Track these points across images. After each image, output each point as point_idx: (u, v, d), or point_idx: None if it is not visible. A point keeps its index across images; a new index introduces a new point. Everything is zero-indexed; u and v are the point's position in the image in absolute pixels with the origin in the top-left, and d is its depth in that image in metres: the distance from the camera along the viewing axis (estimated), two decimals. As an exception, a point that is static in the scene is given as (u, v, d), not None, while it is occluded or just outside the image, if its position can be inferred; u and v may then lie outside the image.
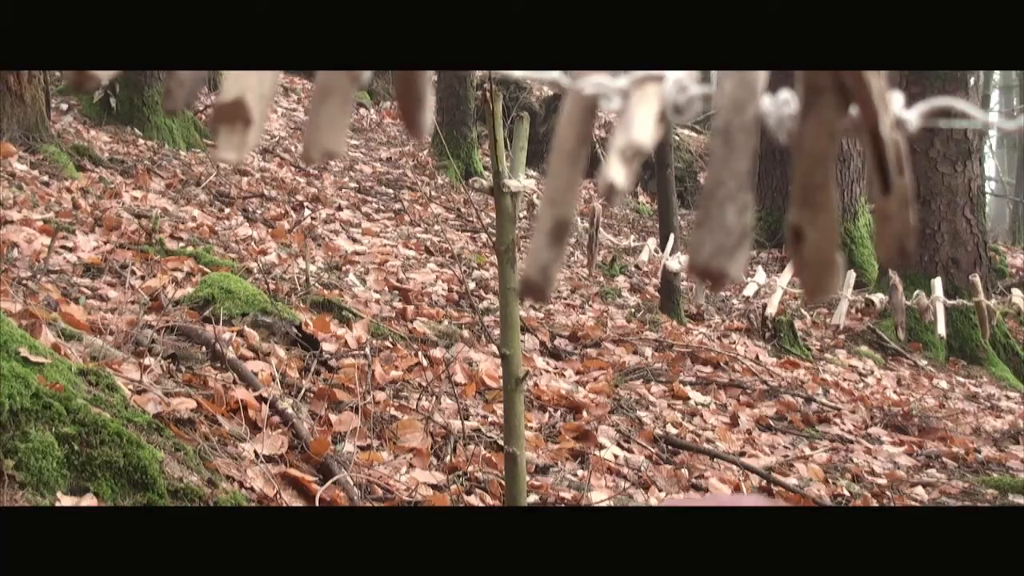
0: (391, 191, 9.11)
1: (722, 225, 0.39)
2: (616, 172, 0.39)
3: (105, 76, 0.40)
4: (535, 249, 0.42)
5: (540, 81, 0.44)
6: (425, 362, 4.28)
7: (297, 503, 2.85)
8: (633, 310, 7.06)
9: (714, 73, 0.43)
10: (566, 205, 0.42)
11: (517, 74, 0.45)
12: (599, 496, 3.16)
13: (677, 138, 12.93)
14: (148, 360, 3.35)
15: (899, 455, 4.93)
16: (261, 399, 3.27)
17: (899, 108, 0.41)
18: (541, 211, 0.42)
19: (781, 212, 9.44)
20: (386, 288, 5.75)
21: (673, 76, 0.42)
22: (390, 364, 4.22)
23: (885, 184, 0.40)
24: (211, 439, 2.93)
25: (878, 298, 3.84)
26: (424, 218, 8.35)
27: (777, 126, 0.41)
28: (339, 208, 7.87)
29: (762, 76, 0.41)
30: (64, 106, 8.46)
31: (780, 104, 0.41)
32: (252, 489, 2.79)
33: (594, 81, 0.42)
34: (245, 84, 0.40)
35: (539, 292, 0.42)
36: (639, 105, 0.41)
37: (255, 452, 2.99)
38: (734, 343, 6.55)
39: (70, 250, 4.70)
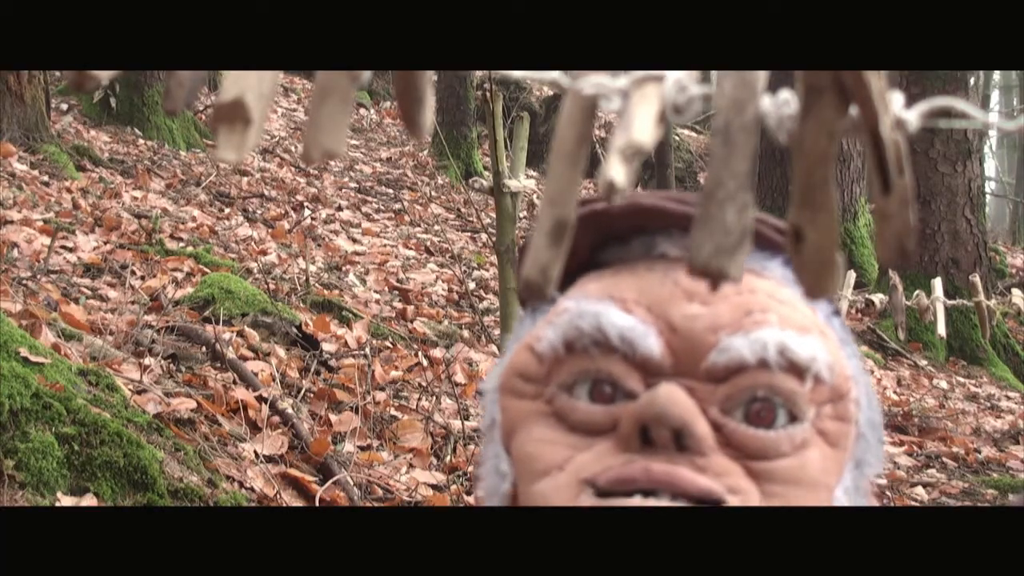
0: (391, 191, 9.11)
1: (722, 225, 0.39)
2: (616, 171, 0.39)
3: (105, 76, 0.40)
4: (535, 249, 0.42)
5: (540, 81, 0.44)
6: (425, 362, 4.28)
7: (297, 503, 2.85)
8: (633, 310, 7.05)
9: (714, 73, 0.43)
10: (566, 205, 0.41)
11: (517, 74, 0.45)
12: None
13: (677, 138, 12.93)
14: (148, 360, 3.35)
15: (899, 455, 4.93)
16: (261, 399, 3.27)
17: (899, 108, 0.41)
18: (541, 211, 0.42)
19: (781, 212, 9.42)
20: (386, 288, 5.75)
21: (673, 76, 0.42)
22: (390, 364, 4.22)
23: (885, 184, 0.40)
24: (211, 439, 2.93)
25: (878, 298, 3.84)
26: (424, 218, 8.35)
27: (777, 126, 0.41)
28: (339, 208, 7.87)
29: (762, 76, 0.41)
30: (64, 106, 8.46)
31: (780, 104, 0.41)
32: (252, 489, 2.79)
33: (594, 81, 0.42)
34: (245, 84, 0.39)
35: (539, 292, 0.42)
36: (639, 105, 0.41)
37: (255, 452, 2.99)
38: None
39: (70, 250, 4.70)
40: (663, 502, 0.65)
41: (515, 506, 0.72)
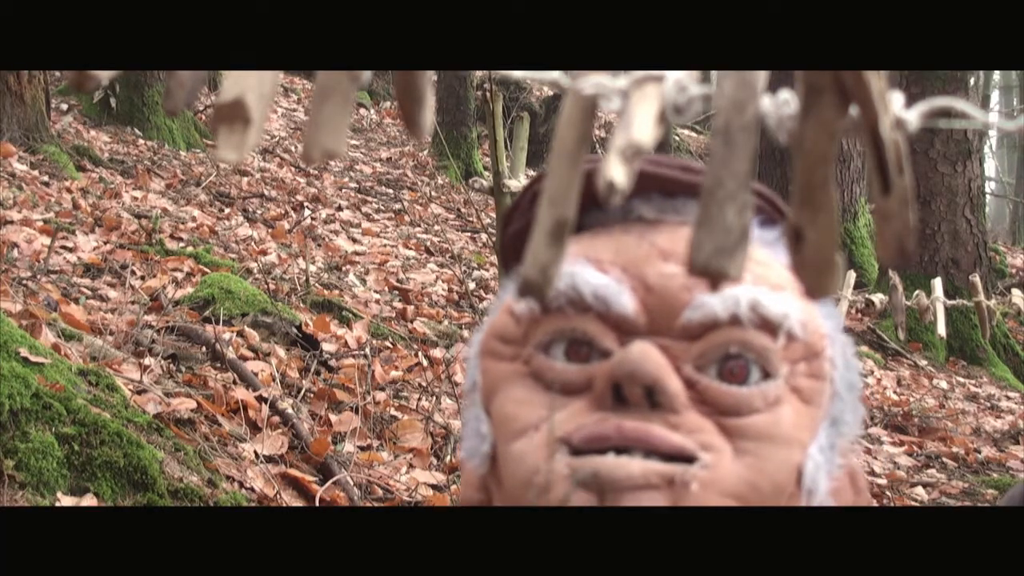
0: (391, 191, 9.11)
1: (722, 225, 0.39)
2: (616, 171, 0.39)
3: (105, 76, 0.40)
4: (535, 249, 0.41)
5: (540, 81, 0.44)
6: (425, 362, 4.28)
7: (297, 503, 2.85)
8: (633, 310, 7.05)
9: (714, 73, 0.43)
10: (566, 204, 0.41)
11: (517, 74, 0.45)
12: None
13: (677, 138, 12.93)
14: (148, 360, 3.35)
15: (899, 455, 4.93)
16: (261, 399, 3.27)
17: (899, 108, 0.41)
18: (540, 211, 0.42)
19: (781, 212, 9.40)
20: (386, 288, 5.75)
21: (673, 76, 0.42)
22: (390, 364, 4.22)
23: (885, 184, 0.40)
24: (211, 439, 2.93)
25: (878, 298, 3.84)
26: (424, 218, 8.35)
27: (777, 126, 0.41)
28: (339, 208, 7.87)
29: (762, 76, 0.41)
30: (64, 106, 8.46)
31: (780, 104, 0.41)
32: (252, 489, 2.79)
33: (594, 81, 0.42)
34: (245, 84, 0.39)
35: (539, 292, 0.42)
36: (639, 105, 0.41)
37: (255, 452, 2.99)
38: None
39: (70, 250, 4.70)
40: (636, 459, 0.65)
41: (495, 467, 0.72)
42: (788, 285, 0.71)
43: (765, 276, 0.70)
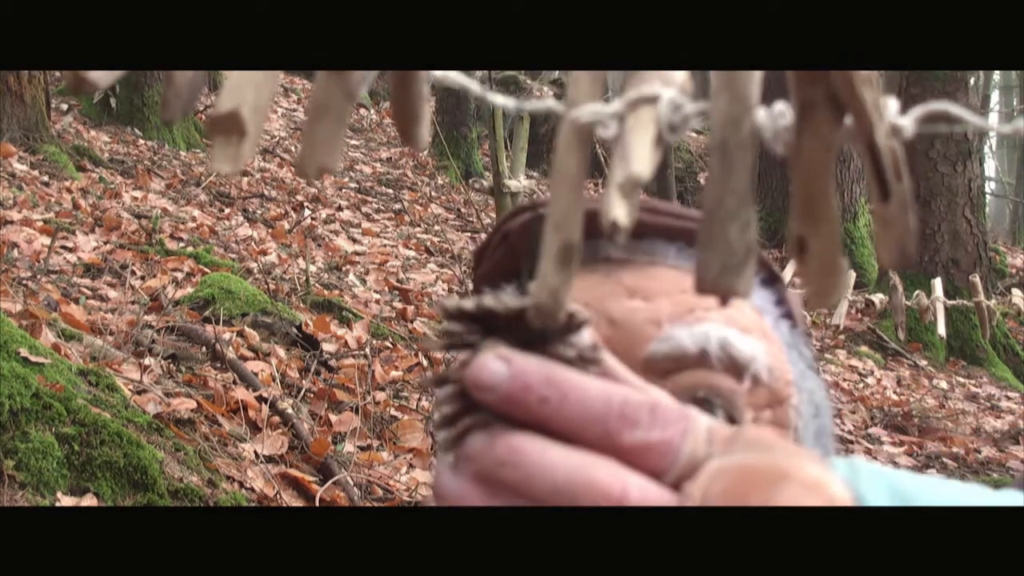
0: (391, 191, 9.11)
1: (725, 244, 0.40)
2: (618, 209, 0.39)
3: (103, 81, 0.40)
4: (544, 274, 0.42)
5: (537, 111, 0.45)
6: (425, 362, 4.28)
7: (297, 503, 2.85)
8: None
9: (712, 76, 0.43)
10: (571, 228, 0.42)
11: (511, 105, 0.45)
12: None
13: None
14: (148, 360, 3.35)
15: (899, 455, 4.93)
16: (261, 399, 3.27)
17: (894, 114, 0.41)
18: (546, 236, 0.42)
19: (781, 212, 9.44)
20: (386, 288, 5.75)
21: (667, 95, 0.42)
22: (390, 364, 4.22)
23: (884, 191, 0.40)
24: (211, 439, 2.93)
25: (878, 298, 3.84)
26: (424, 218, 8.35)
27: (773, 138, 0.41)
28: (339, 208, 7.87)
29: (755, 90, 0.41)
30: (64, 106, 8.46)
31: (776, 116, 0.41)
32: (252, 489, 2.79)
33: (589, 110, 0.42)
34: (241, 96, 0.40)
35: (551, 317, 0.43)
36: (635, 131, 0.41)
37: (255, 452, 2.99)
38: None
39: (70, 250, 4.70)
40: None
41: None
42: (756, 329, 0.70)
43: (734, 318, 0.70)
